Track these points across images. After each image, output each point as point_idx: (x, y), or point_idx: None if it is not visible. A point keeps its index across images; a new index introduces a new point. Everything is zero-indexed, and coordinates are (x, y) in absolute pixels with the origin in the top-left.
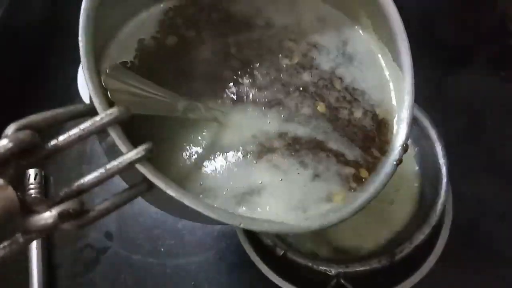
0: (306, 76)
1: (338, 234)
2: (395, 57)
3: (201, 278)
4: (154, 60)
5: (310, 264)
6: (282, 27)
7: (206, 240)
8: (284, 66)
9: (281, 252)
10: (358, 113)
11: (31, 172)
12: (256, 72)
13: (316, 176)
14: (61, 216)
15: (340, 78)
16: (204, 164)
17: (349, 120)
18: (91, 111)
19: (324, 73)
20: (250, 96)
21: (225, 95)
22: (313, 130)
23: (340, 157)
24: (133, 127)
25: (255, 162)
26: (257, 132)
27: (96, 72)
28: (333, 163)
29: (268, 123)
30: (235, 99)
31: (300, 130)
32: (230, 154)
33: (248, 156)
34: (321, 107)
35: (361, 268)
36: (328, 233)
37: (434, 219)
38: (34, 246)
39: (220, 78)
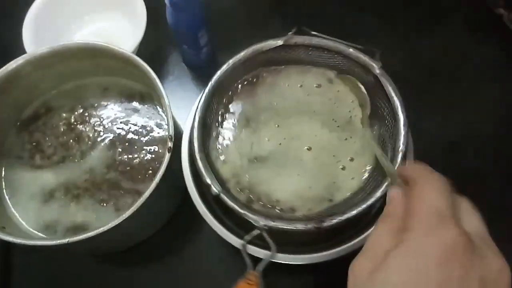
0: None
1: (278, 191)
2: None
3: None
4: None
5: (239, 210)
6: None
7: None
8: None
9: (215, 193)
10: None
11: None
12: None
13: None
14: None
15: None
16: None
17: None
18: None
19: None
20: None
21: None
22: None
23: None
24: None
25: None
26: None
27: None
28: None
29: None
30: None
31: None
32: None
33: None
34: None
35: (286, 227)
36: (269, 188)
37: (373, 199)
38: None
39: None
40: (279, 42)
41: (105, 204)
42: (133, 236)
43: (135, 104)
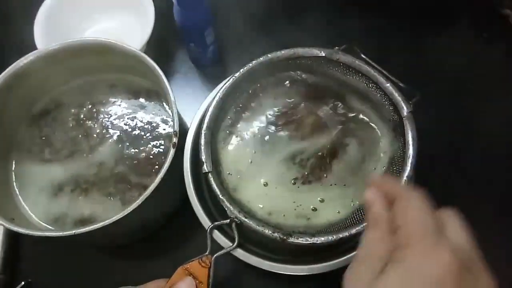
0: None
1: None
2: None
3: None
4: None
5: (219, 194)
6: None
7: None
8: (71, 125)
9: (204, 170)
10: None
11: None
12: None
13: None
14: None
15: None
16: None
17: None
18: None
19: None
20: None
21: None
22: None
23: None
24: None
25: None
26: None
27: None
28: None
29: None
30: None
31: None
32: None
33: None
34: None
35: (254, 227)
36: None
37: (346, 234)
38: None
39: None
40: (321, 53)
41: (112, 198)
42: (138, 230)
43: (141, 100)
